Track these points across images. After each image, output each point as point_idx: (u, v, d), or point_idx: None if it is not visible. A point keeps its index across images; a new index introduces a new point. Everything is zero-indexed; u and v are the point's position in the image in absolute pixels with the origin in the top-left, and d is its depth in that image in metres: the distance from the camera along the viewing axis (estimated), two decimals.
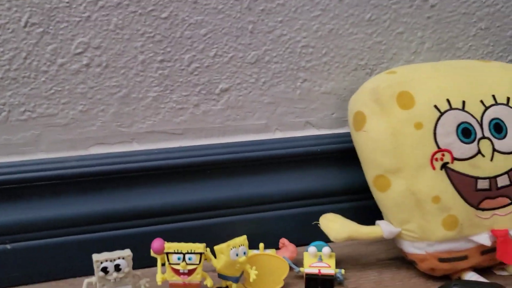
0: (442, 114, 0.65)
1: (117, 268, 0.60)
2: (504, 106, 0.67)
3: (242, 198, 0.75)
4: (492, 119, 0.66)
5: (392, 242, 0.70)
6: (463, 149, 0.65)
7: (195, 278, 0.61)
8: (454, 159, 0.64)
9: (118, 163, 0.69)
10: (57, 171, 0.67)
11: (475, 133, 0.65)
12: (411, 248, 0.67)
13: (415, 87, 0.66)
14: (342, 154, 0.76)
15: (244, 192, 0.75)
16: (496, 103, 0.67)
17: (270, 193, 0.76)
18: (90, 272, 0.60)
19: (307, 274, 0.65)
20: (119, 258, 0.60)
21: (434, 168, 0.64)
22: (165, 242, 0.61)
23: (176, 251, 0.60)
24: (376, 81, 0.69)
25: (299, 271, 0.67)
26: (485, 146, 0.65)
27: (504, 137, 0.66)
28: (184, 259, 0.60)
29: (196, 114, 0.72)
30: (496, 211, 0.65)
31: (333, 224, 0.69)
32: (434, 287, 0.62)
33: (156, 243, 0.61)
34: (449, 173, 0.64)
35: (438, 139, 0.64)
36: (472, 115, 0.66)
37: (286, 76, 0.74)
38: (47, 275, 0.69)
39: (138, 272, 0.63)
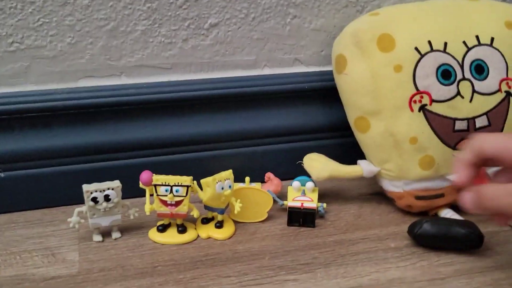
0: (422, 56, 0.65)
1: (107, 198, 0.62)
2: (488, 47, 0.67)
3: (229, 133, 0.76)
4: (474, 60, 0.67)
5: (374, 178, 0.73)
6: (442, 91, 0.66)
7: (182, 209, 0.64)
8: (432, 101, 0.65)
9: (107, 96, 0.70)
10: (48, 102, 0.68)
11: (455, 75, 0.66)
12: (389, 186, 0.70)
13: (397, 29, 0.66)
14: (330, 92, 0.77)
15: (231, 127, 0.76)
16: (479, 44, 0.67)
17: (257, 128, 0.77)
18: (81, 201, 0.63)
19: (289, 207, 0.68)
20: (108, 188, 0.62)
21: (412, 110, 0.65)
22: (153, 174, 0.63)
23: (163, 183, 0.63)
24: (357, 24, 0.69)
25: (283, 205, 0.70)
26: (465, 87, 0.66)
27: (485, 78, 0.67)
28: (171, 191, 0.63)
29: (184, 49, 0.72)
30: None
31: (316, 163, 0.71)
32: (410, 221, 0.65)
33: (145, 175, 0.63)
34: (427, 114, 0.66)
35: (417, 82, 0.65)
36: (453, 57, 0.66)
37: (276, 12, 0.74)
38: (40, 202, 0.71)
39: (127, 202, 0.65)
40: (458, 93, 0.66)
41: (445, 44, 0.66)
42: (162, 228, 0.65)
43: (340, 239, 0.66)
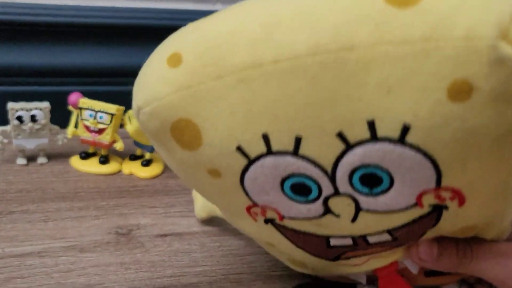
0: (251, 162, 0.32)
1: (33, 118, 0.59)
2: (391, 145, 0.28)
3: None
4: (358, 168, 0.30)
5: None
6: (297, 209, 0.35)
7: (104, 138, 0.60)
8: (283, 217, 0.36)
9: (44, 14, 0.66)
10: None
11: (319, 190, 0.32)
12: None
13: (201, 112, 0.31)
14: None
15: None
16: (374, 139, 0.28)
17: None
18: (7, 124, 0.59)
19: None
20: (36, 108, 0.59)
21: (255, 220, 0.38)
22: (83, 97, 0.60)
23: (89, 108, 0.60)
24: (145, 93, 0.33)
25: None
26: (341, 205, 0.34)
27: (383, 193, 0.31)
28: (95, 117, 0.60)
29: None
30: (371, 256, 0.41)
31: (197, 201, 0.56)
32: None
33: (73, 96, 0.60)
34: (280, 229, 0.38)
35: (251, 196, 0.35)
36: (314, 163, 0.31)
37: None
38: None
39: (56, 126, 0.62)
40: (329, 211, 0.34)
41: (298, 139, 0.30)
42: (85, 156, 0.62)
43: None
